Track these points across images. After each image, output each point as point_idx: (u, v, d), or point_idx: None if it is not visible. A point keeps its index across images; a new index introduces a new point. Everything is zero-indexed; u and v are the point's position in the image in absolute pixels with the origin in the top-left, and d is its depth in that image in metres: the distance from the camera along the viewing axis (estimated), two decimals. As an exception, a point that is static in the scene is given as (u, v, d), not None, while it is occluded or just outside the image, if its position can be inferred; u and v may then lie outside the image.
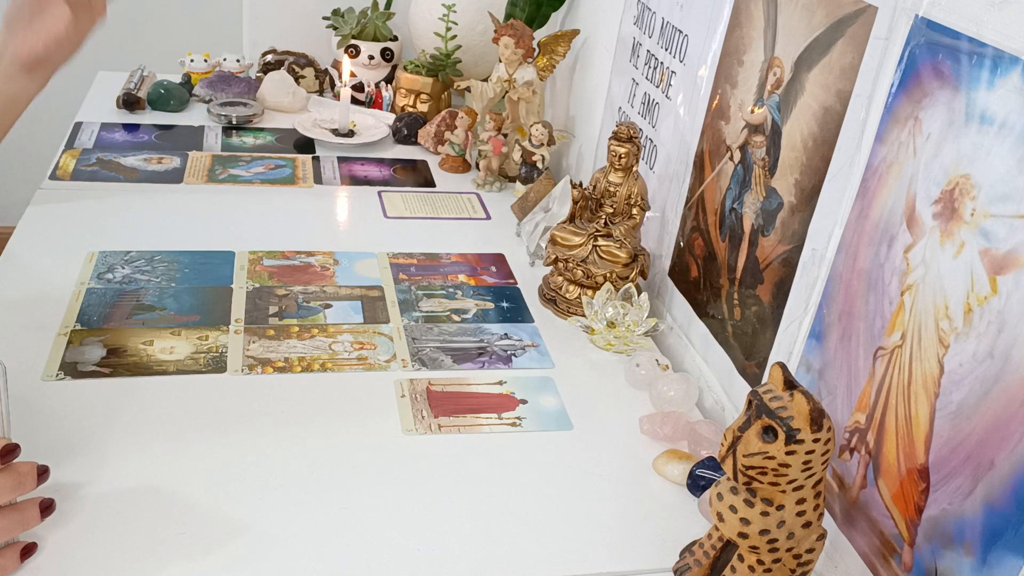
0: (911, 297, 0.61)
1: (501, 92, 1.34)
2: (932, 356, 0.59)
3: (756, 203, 0.83)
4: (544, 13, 1.41)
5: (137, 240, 1.06)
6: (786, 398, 0.56)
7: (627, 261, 0.98)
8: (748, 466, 0.56)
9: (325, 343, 0.91)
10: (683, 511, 0.74)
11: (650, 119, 1.09)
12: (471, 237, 1.18)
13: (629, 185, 1.00)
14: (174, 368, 0.85)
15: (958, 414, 0.56)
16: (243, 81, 1.53)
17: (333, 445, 0.77)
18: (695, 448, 0.80)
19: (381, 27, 1.61)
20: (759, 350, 0.82)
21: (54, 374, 0.82)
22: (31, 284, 0.94)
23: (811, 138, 0.75)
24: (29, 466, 0.62)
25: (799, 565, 0.60)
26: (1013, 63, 0.53)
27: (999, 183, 0.54)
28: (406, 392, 0.85)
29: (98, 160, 1.26)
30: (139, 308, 0.93)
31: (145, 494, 0.69)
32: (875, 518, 0.64)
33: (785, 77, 0.79)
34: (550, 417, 0.84)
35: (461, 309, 1.00)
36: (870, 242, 0.66)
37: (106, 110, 1.43)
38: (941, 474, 0.58)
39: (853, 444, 0.67)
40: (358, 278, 1.04)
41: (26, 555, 0.62)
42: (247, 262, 1.04)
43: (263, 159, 1.34)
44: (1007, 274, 0.53)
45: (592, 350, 0.96)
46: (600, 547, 0.70)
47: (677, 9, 1.02)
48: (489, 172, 1.33)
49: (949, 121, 0.59)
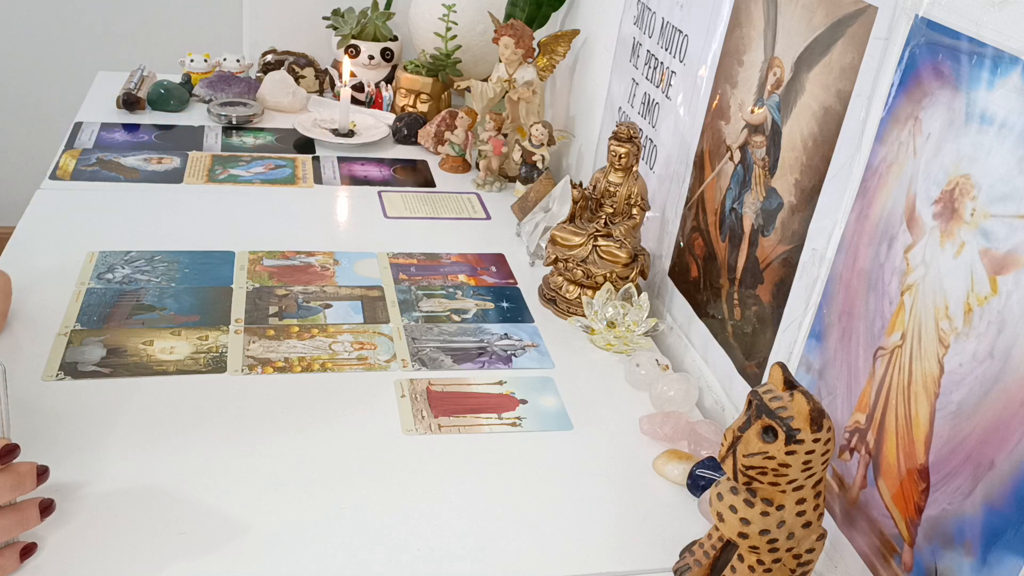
0: (911, 297, 0.61)
1: (501, 92, 1.34)
2: (932, 356, 0.59)
3: (756, 203, 0.83)
4: (544, 13, 1.41)
5: (137, 240, 1.06)
6: (786, 398, 0.56)
7: (627, 261, 0.98)
8: (748, 466, 0.56)
9: (325, 343, 0.91)
10: (683, 511, 0.74)
11: (650, 119, 1.09)
12: (471, 237, 1.18)
13: (629, 185, 1.00)
14: (174, 368, 0.85)
15: (958, 414, 0.56)
16: (243, 81, 1.53)
17: (333, 445, 0.77)
18: (695, 448, 0.80)
19: (381, 27, 1.61)
20: (759, 350, 0.82)
21: (54, 374, 0.82)
22: (31, 284, 0.94)
23: (811, 138, 0.75)
24: (29, 466, 0.62)
25: (799, 565, 0.60)
26: (1013, 63, 0.53)
27: (999, 183, 0.54)
28: (406, 392, 0.85)
29: (98, 160, 1.26)
30: (139, 308, 0.93)
31: (145, 494, 0.69)
32: (875, 518, 0.64)
33: (785, 77, 0.79)
34: (550, 417, 0.84)
35: (461, 309, 1.00)
36: (870, 242, 0.66)
37: (106, 110, 1.43)
38: (941, 474, 0.58)
39: (853, 444, 0.67)
40: (358, 278, 1.04)
41: (26, 555, 0.62)
42: (247, 262, 1.04)
43: (263, 159, 1.34)
44: (1007, 274, 0.53)
45: (592, 350, 0.96)
46: (600, 547, 0.70)
47: (677, 9, 1.02)
48: (489, 172, 1.33)
49: (949, 121, 0.59)
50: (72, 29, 2.23)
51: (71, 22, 2.23)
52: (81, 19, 2.23)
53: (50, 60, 2.26)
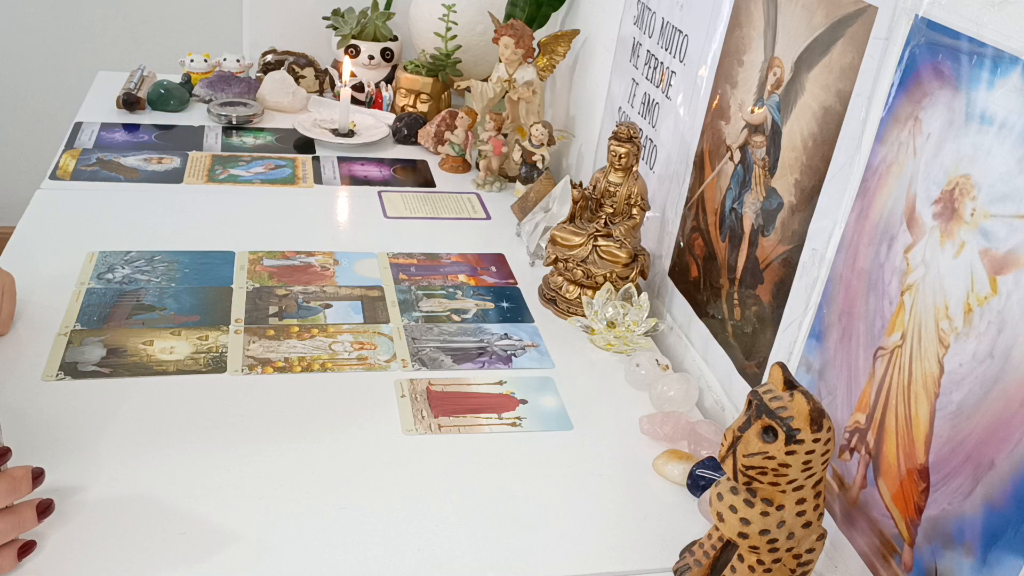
0: (911, 297, 0.61)
1: (501, 92, 1.34)
2: (932, 356, 0.59)
3: (756, 203, 0.83)
4: (544, 13, 1.41)
5: (137, 240, 1.06)
6: (786, 398, 0.56)
7: (627, 261, 0.98)
8: (748, 466, 0.56)
9: (325, 343, 0.91)
10: (683, 511, 0.74)
11: (650, 119, 1.09)
12: (471, 237, 1.18)
13: (629, 185, 1.00)
14: (174, 368, 0.85)
15: (958, 414, 0.56)
16: (243, 81, 1.53)
17: (333, 445, 0.77)
18: (695, 448, 0.80)
19: (381, 27, 1.61)
20: (759, 350, 0.82)
21: (54, 374, 0.82)
22: (31, 284, 0.94)
23: (811, 138, 0.75)
24: (24, 471, 0.62)
25: (799, 565, 0.60)
26: (1013, 63, 0.53)
27: (999, 183, 0.54)
28: (406, 392, 0.85)
29: (98, 160, 1.26)
30: (139, 308, 0.93)
31: (145, 494, 0.69)
32: (875, 518, 0.64)
33: (785, 77, 0.79)
34: (550, 417, 0.84)
35: (461, 309, 1.00)
36: (870, 242, 0.66)
37: (106, 110, 1.43)
38: (941, 474, 0.58)
39: (853, 444, 0.67)
40: (358, 278, 1.04)
41: (24, 553, 0.62)
42: (247, 262, 1.04)
43: (263, 159, 1.34)
44: (1007, 274, 0.53)
45: (592, 350, 0.96)
46: (600, 547, 0.70)
47: (677, 9, 1.02)
48: (489, 172, 1.33)
49: (949, 121, 0.59)
50: (72, 29, 2.23)
51: (71, 22, 2.23)
52: (81, 19, 2.23)
53: (50, 60, 2.26)
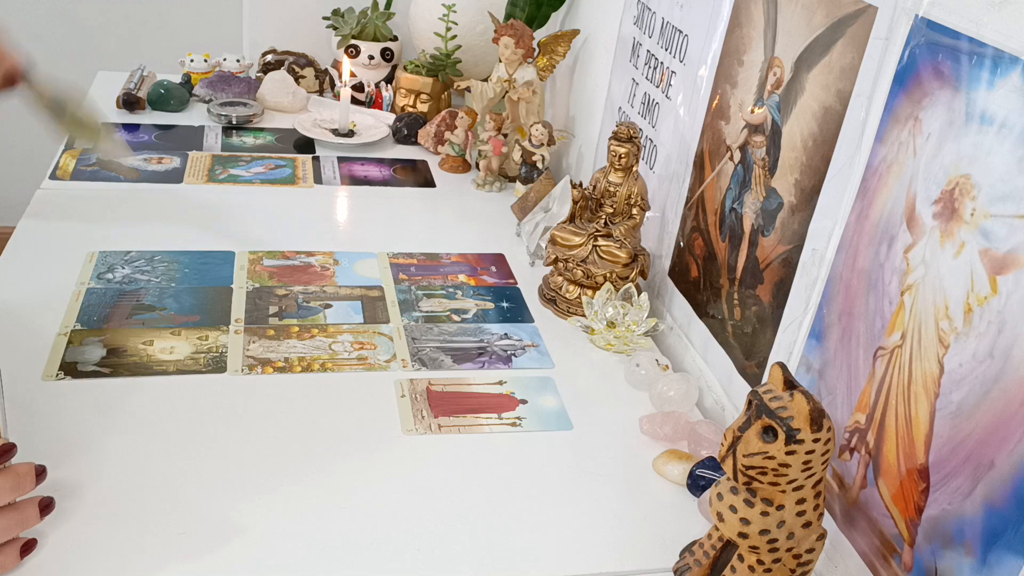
0: (911, 297, 0.61)
1: (501, 92, 1.34)
2: (932, 356, 0.59)
3: (756, 203, 0.83)
4: (544, 13, 1.41)
5: (137, 240, 1.06)
6: (786, 398, 0.56)
7: (627, 261, 0.98)
8: (748, 466, 0.56)
9: (325, 343, 0.91)
10: (683, 511, 0.74)
11: (650, 119, 1.09)
12: (471, 237, 1.18)
13: (629, 185, 1.00)
14: (174, 368, 0.85)
15: (958, 414, 0.56)
16: (243, 81, 1.53)
17: (333, 445, 0.77)
18: (695, 448, 0.80)
19: (381, 27, 1.61)
20: (759, 350, 0.82)
21: (54, 374, 0.82)
22: (31, 284, 0.94)
23: (811, 138, 0.75)
24: (27, 467, 0.62)
25: (799, 565, 0.60)
26: (1013, 63, 0.53)
27: (999, 183, 0.54)
28: (406, 392, 0.85)
29: (98, 160, 1.26)
30: (139, 308, 0.93)
31: (145, 493, 0.69)
32: (875, 518, 0.64)
33: (785, 77, 0.79)
34: (550, 417, 0.84)
35: (461, 309, 1.00)
36: (870, 242, 0.66)
37: (106, 110, 1.43)
38: (941, 474, 0.58)
39: (853, 444, 0.67)
40: (358, 278, 1.04)
41: (26, 551, 0.62)
42: (247, 262, 1.04)
43: (263, 159, 1.34)
44: (1007, 274, 0.53)
45: (592, 350, 0.96)
46: (600, 547, 0.70)
47: (677, 9, 1.02)
48: (489, 172, 1.32)
49: (949, 121, 0.59)
50: (72, 29, 2.23)
51: (71, 22, 2.22)
52: (81, 19, 2.22)
53: (50, 60, 2.26)
